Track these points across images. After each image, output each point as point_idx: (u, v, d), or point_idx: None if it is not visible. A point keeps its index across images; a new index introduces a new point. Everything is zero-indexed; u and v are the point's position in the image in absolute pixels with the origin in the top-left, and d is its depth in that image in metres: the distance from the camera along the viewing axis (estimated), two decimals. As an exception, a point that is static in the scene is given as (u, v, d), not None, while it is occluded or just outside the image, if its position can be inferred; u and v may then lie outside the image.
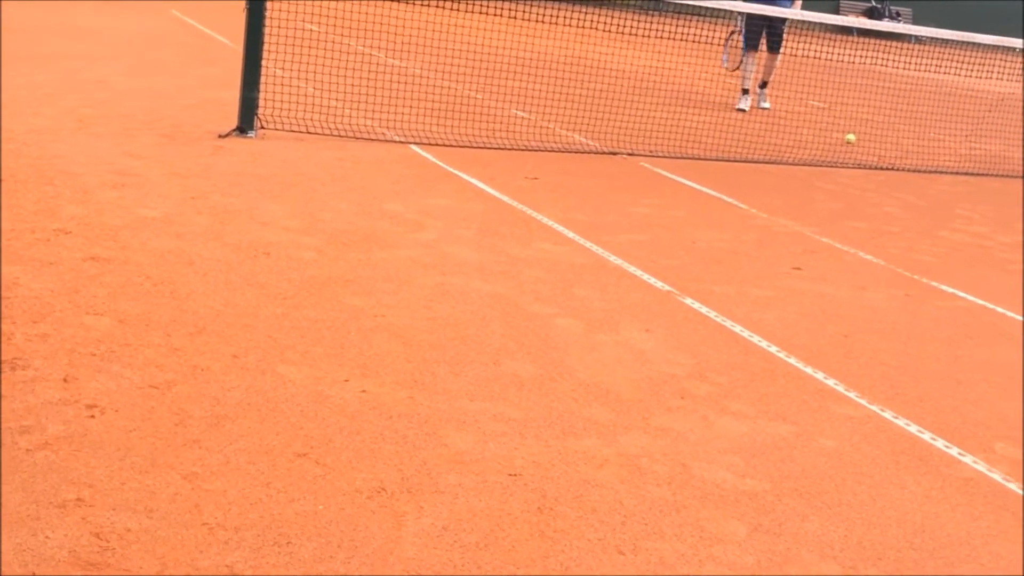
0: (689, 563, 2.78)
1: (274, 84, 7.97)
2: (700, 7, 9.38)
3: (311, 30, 9.23)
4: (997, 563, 2.96)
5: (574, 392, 3.76)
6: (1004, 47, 10.38)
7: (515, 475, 3.12)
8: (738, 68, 11.55)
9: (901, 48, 13.54)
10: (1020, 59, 12.74)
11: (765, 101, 11.90)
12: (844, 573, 2.82)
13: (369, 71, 9.09)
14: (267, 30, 7.32)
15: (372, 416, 3.37)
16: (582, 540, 2.82)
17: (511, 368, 3.90)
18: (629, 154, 8.37)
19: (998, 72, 11.96)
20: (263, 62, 7.33)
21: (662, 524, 2.95)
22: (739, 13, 11.26)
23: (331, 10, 8.79)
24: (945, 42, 11.94)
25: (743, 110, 11.46)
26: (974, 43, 10.25)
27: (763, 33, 11.30)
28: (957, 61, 11.05)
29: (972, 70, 11.20)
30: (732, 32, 11.73)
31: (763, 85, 11.85)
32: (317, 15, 8.99)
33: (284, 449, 3.09)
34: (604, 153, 8.34)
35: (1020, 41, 10.50)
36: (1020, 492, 3.40)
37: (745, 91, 11.56)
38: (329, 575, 2.53)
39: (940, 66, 11.26)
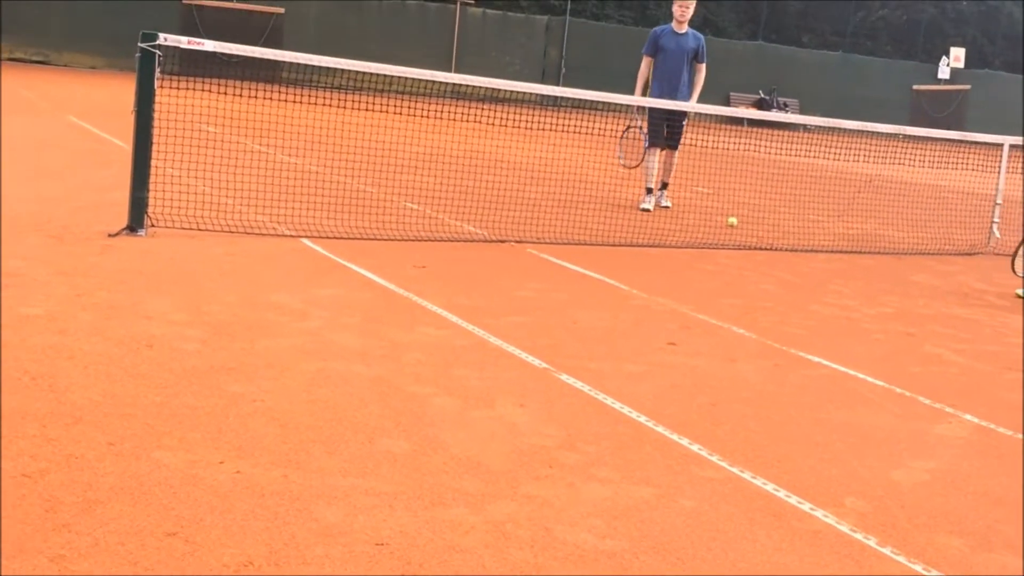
0: (545, 618, 2.91)
1: (165, 183, 8.09)
2: (597, 102, 9.77)
3: (206, 130, 9.39)
4: (837, 606, 3.15)
5: (446, 465, 3.90)
6: (873, 132, 10.97)
7: (382, 544, 3.24)
8: (637, 165, 11.59)
9: (788, 136, 14.15)
10: (889, 142, 13.42)
11: (665, 200, 11.70)
12: (692, 621, 2.97)
13: (262, 168, 9.26)
14: (157, 131, 7.46)
15: (244, 495, 3.47)
16: (443, 602, 2.94)
17: (385, 445, 4.03)
18: (517, 242, 8.63)
19: (873, 156, 12.58)
20: (153, 161, 7.46)
21: (522, 584, 3.09)
22: (637, 108, 11.61)
23: (226, 112, 8.96)
24: (826, 129, 12.55)
25: (647, 210, 11.25)
26: (847, 129, 10.81)
27: (664, 129, 11.34)
28: (836, 147, 11.62)
29: (850, 154, 11.78)
30: (628, 127, 11.87)
31: (664, 186, 11.70)
32: (212, 116, 9.16)
33: (154, 529, 3.17)
34: (492, 241, 8.59)
35: (889, 127, 11.11)
36: (865, 542, 3.61)
37: (649, 190, 11.43)
38: (191, 644, 2.61)
39: (820, 152, 11.82)
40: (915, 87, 40.25)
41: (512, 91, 9.49)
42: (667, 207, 11.67)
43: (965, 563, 3.50)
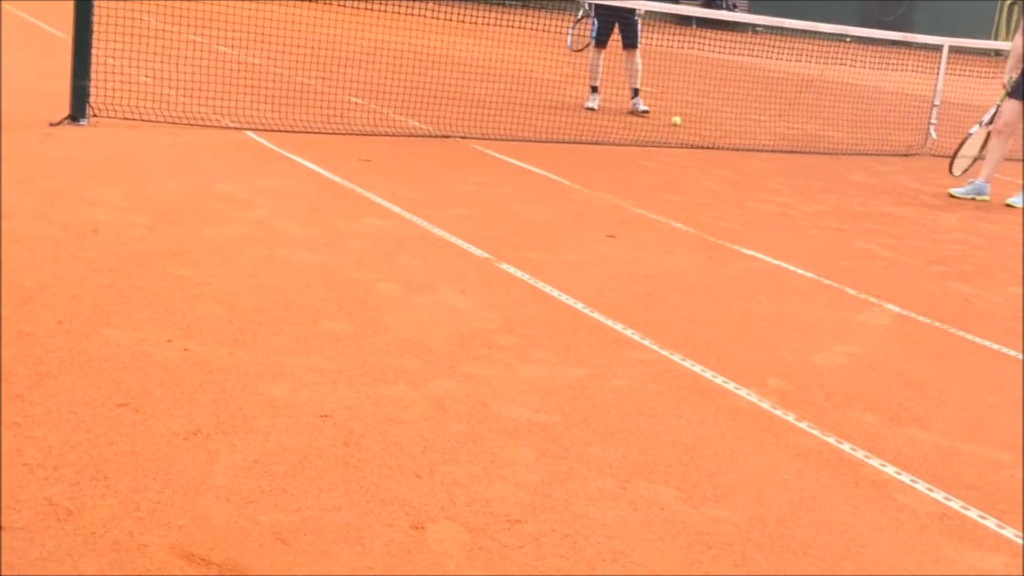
0: (480, 482, 3.09)
1: (106, 73, 8.02)
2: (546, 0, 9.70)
3: (145, 20, 9.28)
4: (753, 474, 3.35)
5: (388, 346, 4.04)
6: (817, 33, 11.08)
7: (325, 416, 3.39)
8: (581, 49, 11.45)
9: (735, 37, 14.22)
10: (833, 44, 13.53)
11: (642, 105, 11.43)
12: (618, 486, 3.17)
13: (205, 60, 9.18)
14: (97, 19, 7.39)
15: (192, 370, 3.59)
16: (383, 467, 3.10)
17: (329, 327, 4.16)
18: (461, 137, 8.69)
19: (817, 57, 12.69)
20: (93, 51, 7.40)
21: (459, 452, 3.26)
22: (589, 4, 11.41)
23: (166, 5, 8.86)
24: (775, 30, 12.63)
25: (592, 108, 11.18)
26: (791, 30, 10.90)
27: (615, 29, 11.16)
28: (782, 48, 11.71)
29: (795, 55, 11.88)
30: (581, 16, 11.59)
31: (635, 92, 11.44)
32: (151, 5, 9.06)
33: (105, 401, 3.29)
34: (437, 136, 8.64)
35: (833, 27, 11.21)
36: (784, 417, 3.82)
37: (594, 89, 11.35)
38: (144, 502, 2.75)
39: (766, 53, 11.91)
40: (864, -11, 40.21)
41: (458, -15, 9.43)
42: (646, 112, 11.33)
43: (875, 436, 3.72)
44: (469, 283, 4.92)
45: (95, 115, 7.46)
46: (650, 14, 11.87)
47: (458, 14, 9.97)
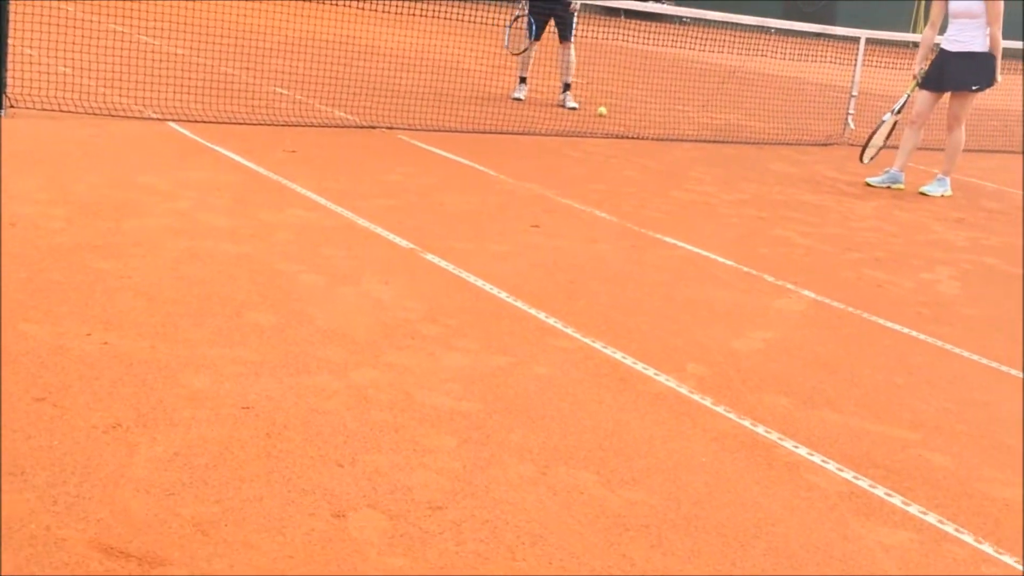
0: (402, 470, 3.12)
1: (24, 63, 7.89)
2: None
3: (64, 9, 9.13)
4: (671, 457, 3.43)
5: (311, 336, 4.06)
6: (738, 24, 11.25)
7: (247, 408, 3.40)
8: (522, 52, 11.32)
9: (661, 28, 14.35)
10: (754, 35, 13.74)
11: (571, 101, 11.32)
12: (538, 471, 3.22)
13: (123, 49, 9.07)
14: (13, 8, 7.26)
15: (112, 364, 3.58)
16: (305, 457, 3.13)
17: (253, 318, 4.16)
18: (387, 128, 8.69)
19: (739, 48, 12.88)
20: (10, 40, 7.27)
21: (381, 441, 3.29)
22: (523, 3, 11.30)
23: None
24: (701, 21, 12.76)
25: (519, 99, 11.15)
26: (716, 21, 11.05)
27: (550, 21, 11.10)
28: (706, 39, 11.86)
29: (716, 46, 12.04)
30: (517, 16, 11.60)
31: (566, 87, 11.35)
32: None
33: (22, 395, 3.27)
34: (363, 127, 8.64)
35: (753, 19, 11.38)
36: (701, 402, 3.91)
37: (523, 79, 11.32)
38: (62, 496, 2.75)
39: (690, 44, 12.05)
40: (787, -19, 40.73)
41: (383, -25, 9.41)
42: (574, 108, 11.24)
43: (788, 419, 3.83)
44: (393, 273, 4.95)
45: (12, 106, 7.34)
46: (587, 7, 11.88)
47: (384, 4, 9.95)
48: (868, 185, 8.85)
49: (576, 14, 11.27)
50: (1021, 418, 4.11)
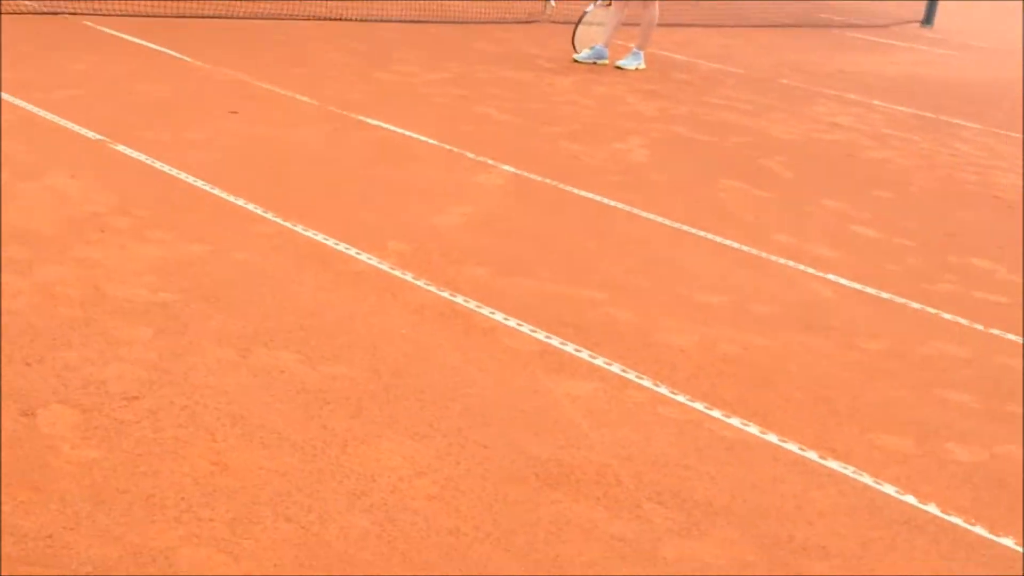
0: (94, 364, 3.05)
1: None
2: None
3: None
4: (371, 332, 3.51)
5: (-10, 236, 3.85)
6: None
7: (-80, 313, 3.21)
8: None
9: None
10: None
11: None
12: (238, 355, 3.23)
13: None
14: None
15: None
16: (-13, 359, 3.00)
17: (-78, 221, 3.90)
18: (72, 14, 8.18)
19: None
20: None
21: (71, 337, 3.20)
22: None
23: None
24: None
25: None
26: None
27: None
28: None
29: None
30: None
31: None
32: None
33: None
34: (45, 14, 8.09)
35: None
36: (402, 277, 4.00)
37: None
38: None
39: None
40: None
41: None
42: None
43: (487, 287, 3.98)
44: (80, 166, 4.73)
45: None
46: None
47: None
48: (575, 62, 9.11)
49: None
50: (698, 272, 4.44)
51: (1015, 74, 12.25)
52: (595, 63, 9.11)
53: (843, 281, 4.52)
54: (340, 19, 9.84)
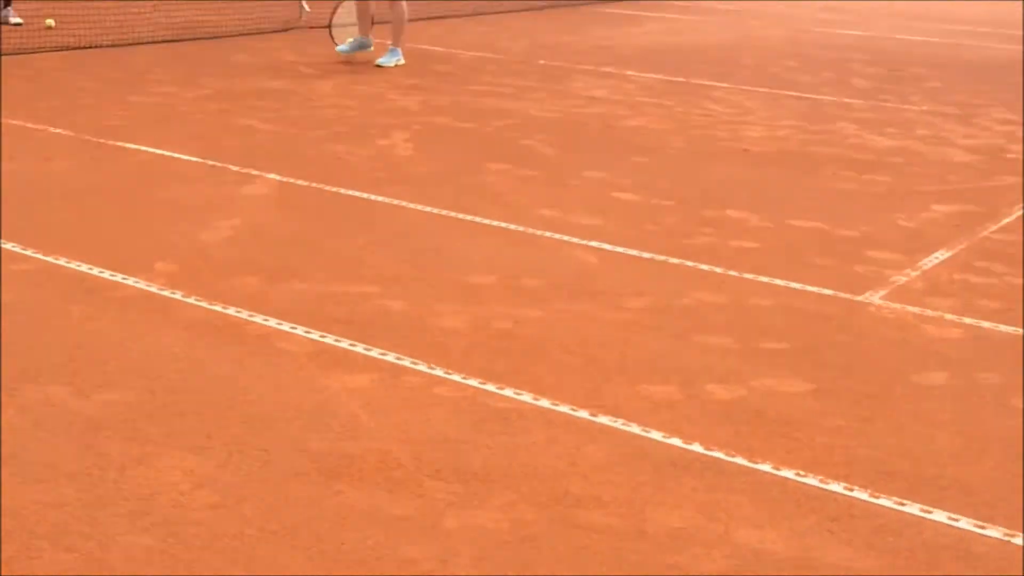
0: None
1: None
2: None
3: None
4: (143, 354, 3.50)
5: None
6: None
7: None
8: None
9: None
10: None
11: (14, 17, 10.55)
12: (5, 395, 3.17)
13: None
14: None
15: None
16: None
17: None
18: None
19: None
20: None
21: None
22: None
23: None
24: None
25: (18, 24, 10.41)
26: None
27: None
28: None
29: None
30: None
31: (7, 2, 10.58)
32: None
33: None
34: None
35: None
36: (172, 296, 3.99)
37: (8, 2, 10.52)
38: None
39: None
40: None
41: None
42: (19, 24, 10.46)
43: (258, 296, 4.01)
44: None
45: None
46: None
47: None
48: (340, 53, 9.14)
49: None
50: (468, 255, 4.58)
51: (760, 32, 12.96)
52: (360, 52, 9.16)
53: (607, 246, 4.75)
54: (90, 47, 9.57)
